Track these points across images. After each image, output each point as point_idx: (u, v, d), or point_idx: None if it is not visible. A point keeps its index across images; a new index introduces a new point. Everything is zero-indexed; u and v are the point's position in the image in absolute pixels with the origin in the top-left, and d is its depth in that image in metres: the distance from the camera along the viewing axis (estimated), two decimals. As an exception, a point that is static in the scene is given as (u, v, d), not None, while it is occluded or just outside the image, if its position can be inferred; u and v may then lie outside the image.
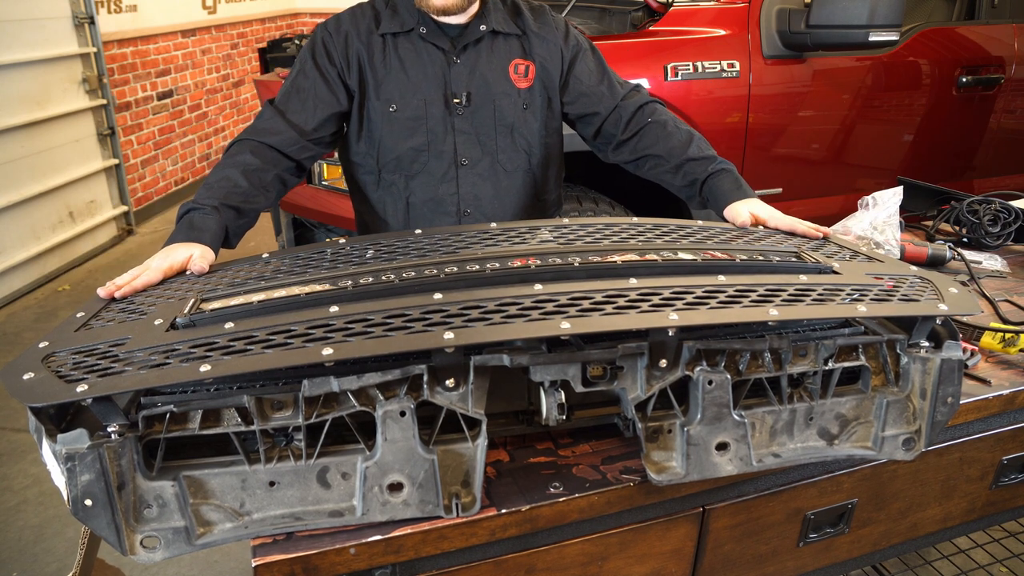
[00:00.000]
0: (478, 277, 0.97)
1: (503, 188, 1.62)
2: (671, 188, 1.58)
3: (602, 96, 1.61)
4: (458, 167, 1.58)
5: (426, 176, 1.58)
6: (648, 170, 1.60)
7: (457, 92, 1.54)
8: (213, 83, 6.10)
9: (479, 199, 1.61)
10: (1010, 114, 3.11)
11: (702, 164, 1.50)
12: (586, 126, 1.66)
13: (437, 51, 1.53)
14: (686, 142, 1.53)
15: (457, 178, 1.58)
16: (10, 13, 3.82)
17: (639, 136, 1.58)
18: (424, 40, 1.53)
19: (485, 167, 1.59)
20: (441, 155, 1.57)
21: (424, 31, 1.52)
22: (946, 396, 0.96)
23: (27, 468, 2.61)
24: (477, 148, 1.58)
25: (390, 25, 1.53)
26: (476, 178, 1.59)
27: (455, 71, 1.54)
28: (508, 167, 1.61)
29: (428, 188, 1.59)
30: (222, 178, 1.36)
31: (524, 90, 1.58)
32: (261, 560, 0.83)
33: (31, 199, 4.00)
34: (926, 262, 1.64)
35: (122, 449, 0.77)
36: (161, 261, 1.17)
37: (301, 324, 0.86)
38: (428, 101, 1.53)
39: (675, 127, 1.56)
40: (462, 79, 1.54)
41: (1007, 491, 1.32)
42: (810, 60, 2.66)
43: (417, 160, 1.57)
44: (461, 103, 1.54)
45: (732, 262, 1.07)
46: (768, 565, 1.16)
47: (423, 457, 0.85)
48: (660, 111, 1.60)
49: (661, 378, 0.90)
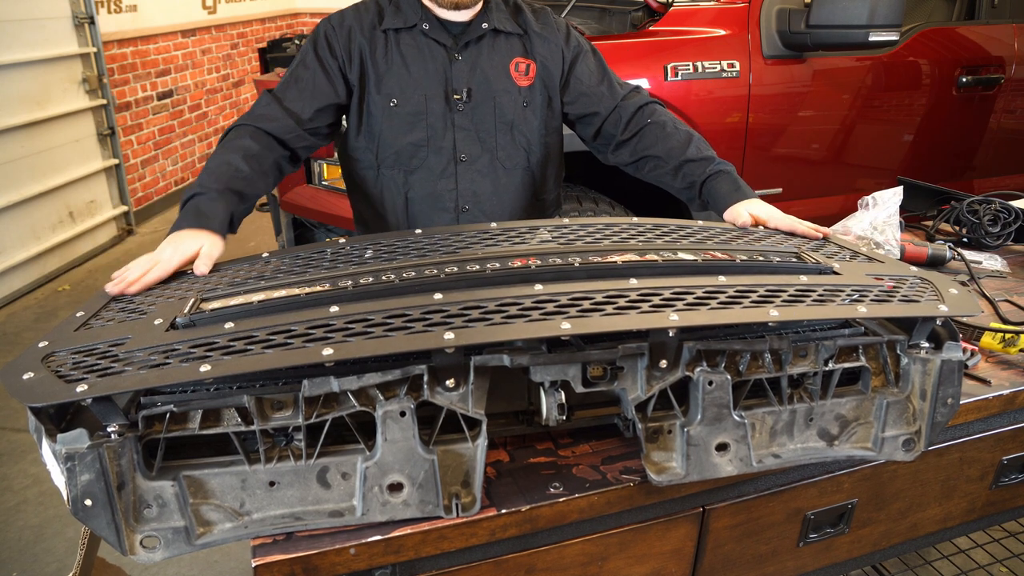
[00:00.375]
0: (478, 277, 0.97)
1: (502, 185, 1.63)
2: (671, 190, 1.58)
3: (602, 96, 1.61)
4: (457, 163, 1.58)
5: (425, 172, 1.58)
6: (648, 172, 1.60)
7: (458, 88, 1.55)
8: (213, 83, 6.10)
9: (477, 196, 1.61)
10: (1010, 114, 3.11)
11: (701, 165, 1.50)
12: (586, 127, 1.66)
13: (439, 47, 1.54)
14: (685, 143, 1.53)
15: (456, 174, 1.59)
16: (10, 13, 3.82)
17: (638, 137, 1.58)
18: (426, 36, 1.54)
19: (484, 164, 1.60)
20: (440, 151, 1.57)
21: (427, 27, 1.54)
22: (946, 397, 0.96)
23: (27, 468, 2.61)
24: (476, 144, 1.58)
25: (393, 21, 1.54)
26: (475, 174, 1.60)
27: (456, 67, 1.55)
28: (507, 164, 1.62)
29: (427, 184, 1.59)
30: (223, 163, 1.35)
31: (525, 88, 1.59)
32: (261, 560, 0.83)
33: (31, 199, 4.00)
34: (926, 262, 1.64)
35: (122, 449, 0.77)
36: (172, 254, 1.15)
37: (301, 324, 0.86)
38: (428, 96, 1.54)
39: (674, 128, 1.56)
40: (463, 75, 1.55)
41: (1007, 491, 1.32)
42: (810, 60, 2.66)
43: (416, 155, 1.57)
44: (461, 99, 1.55)
45: (732, 262, 1.07)
46: (768, 565, 1.16)
47: (423, 457, 0.85)
48: (660, 112, 1.60)
49: (661, 378, 0.90)
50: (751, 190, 1.45)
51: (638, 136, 1.58)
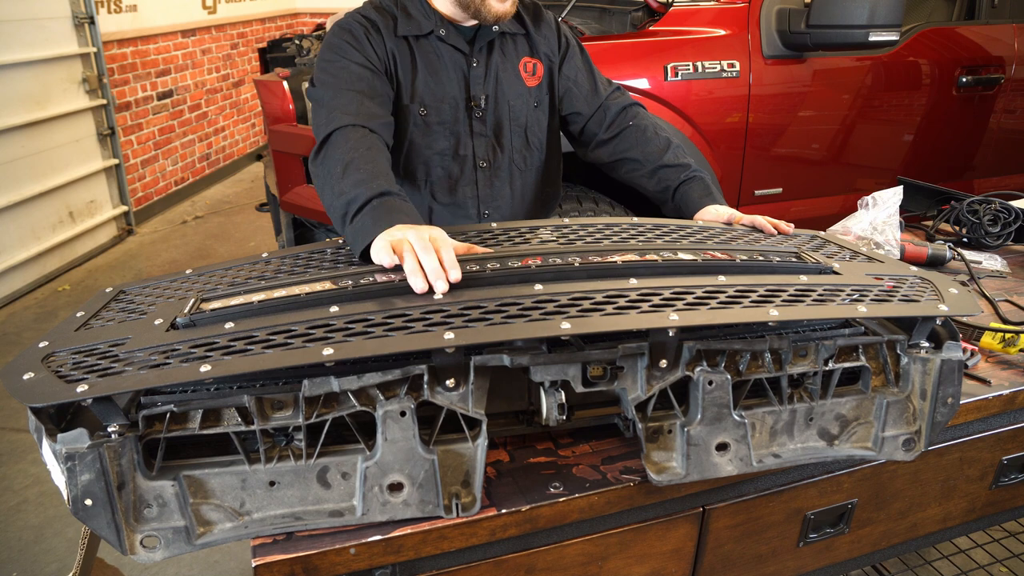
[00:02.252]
0: (478, 277, 0.97)
1: (518, 187, 1.64)
2: (645, 192, 1.61)
3: (588, 95, 1.63)
4: (477, 170, 1.58)
5: (448, 180, 1.58)
6: (624, 173, 1.62)
7: (476, 95, 1.53)
8: (213, 83, 6.10)
9: (497, 200, 1.62)
10: (1010, 114, 3.11)
11: (676, 171, 1.53)
12: (570, 124, 1.68)
13: (457, 53, 1.52)
14: (663, 148, 1.56)
15: (476, 181, 1.59)
16: (10, 13, 3.82)
17: (619, 138, 1.61)
18: (443, 42, 1.50)
19: (502, 168, 1.60)
20: (463, 159, 1.57)
21: (443, 33, 1.49)
22: (946, 396, 0.96)
23: (27, 468, 2.61)
24: (495, 150, 1.59)
25: (407, 28, 1.48)
26: (494, 179, 1.60)
27: (474, 74, 1.53)
28: (522, 166, 1.63)
29: (449, 192, 1.59)
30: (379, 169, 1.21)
31: (534, 88, 1.60)
32: (261, 560, 0.83)
33: (31, 199, 4.00)
34: (926, 262, 1.64)
35: (122, 449, 0.77)
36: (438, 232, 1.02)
37: (301, 324, 0.86)
38: (453, 105, 1.52)
39: (654, 133, 1.59)
40: (480, 82, 1.54)
41: (1007, 491, 1.32)
42: (810, 60, 2.66)
43: (441, 164, 1.56)
44: (480, 106, 1.54)
45: (732, 262, 1.07)
46: (768, 565, 1.16)
47: (423, 457, 0.85)
48: (642, 115, 1.63)
49: (661, 378, 0.90)
50: (722, 196, 1.48)
51: (619, 137, 1.61)
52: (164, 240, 4.83)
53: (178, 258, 4.48)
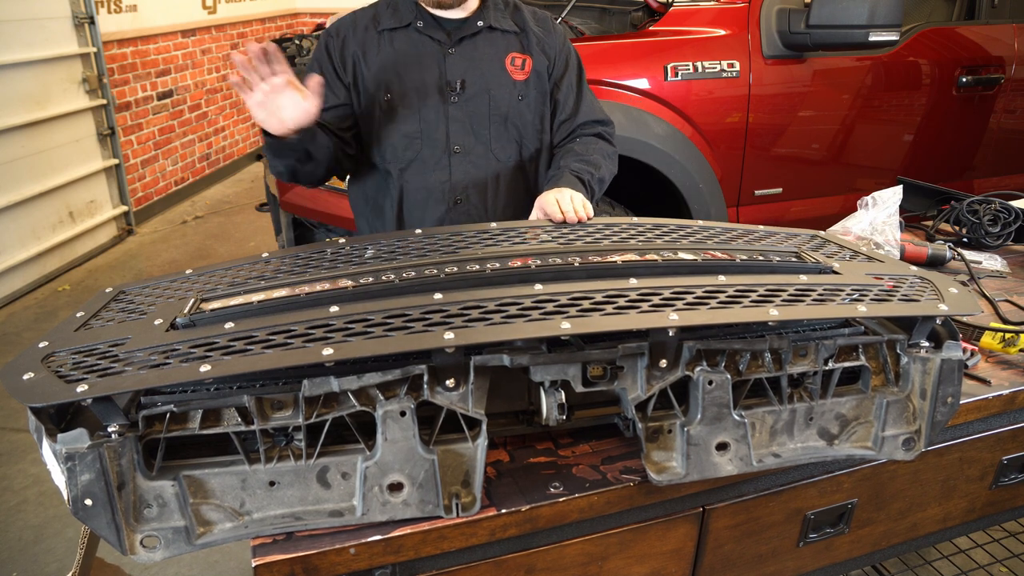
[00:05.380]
0: (478, 277, 0.97)
1: (495, 178, 1.65)
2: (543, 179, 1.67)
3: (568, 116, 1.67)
4: (451, 155, 1.60)
5: (419, 164, 1.61)
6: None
7: (452, 80, 1.58)
8: (213, 83, 6.10)
9: (471, 188, 1.63)
10: (1010, 114, 3.11)
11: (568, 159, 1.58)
12: None
13: (432, 42, 1.58)
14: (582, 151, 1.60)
15: (450, 166, 1.61)
16: (10, 13, 3.82)
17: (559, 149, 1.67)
18: (420, 33, 1.58)
19: (478, 155, 1.62)
20: (434, 143, 1.59)
21: (421, 24, 1.57)
22: (946, 396, 0.96)
23: (27, 468, 2.61)
24: (470, 136, 1.60)
25: (389, 22, 1.59)
26: (469, 166, 1.61)
27: (450, 60, 1.58)
28: (500, 156, 1.64)
29: (421, 176, 1.62)
30: None
31: (520, 82, 1.62)
32: (261, 560, 0.83)
33: (31, 199, 4.00)
34: (926, 262, 1.64)
35: (122, 449, 0.77)
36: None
37: (301, 324, 0.86)
38: (421, 89, 1.57)
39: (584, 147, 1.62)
40: (457, 67, 1.58)
41: (1007, 491, 1.32)
42: (810, 60, 2.66)
43: (410, 147, 1.60)
44: (455, 91, 1.58)
45: (732, 262, 1.07)
46: (768, 565, 1.16)
47: (423, 457, 0.85)
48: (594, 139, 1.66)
49: (661, 378, 0.90)
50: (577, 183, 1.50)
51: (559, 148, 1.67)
52: (164, 240, 4.82)
53: (178, 258, 4.48)
